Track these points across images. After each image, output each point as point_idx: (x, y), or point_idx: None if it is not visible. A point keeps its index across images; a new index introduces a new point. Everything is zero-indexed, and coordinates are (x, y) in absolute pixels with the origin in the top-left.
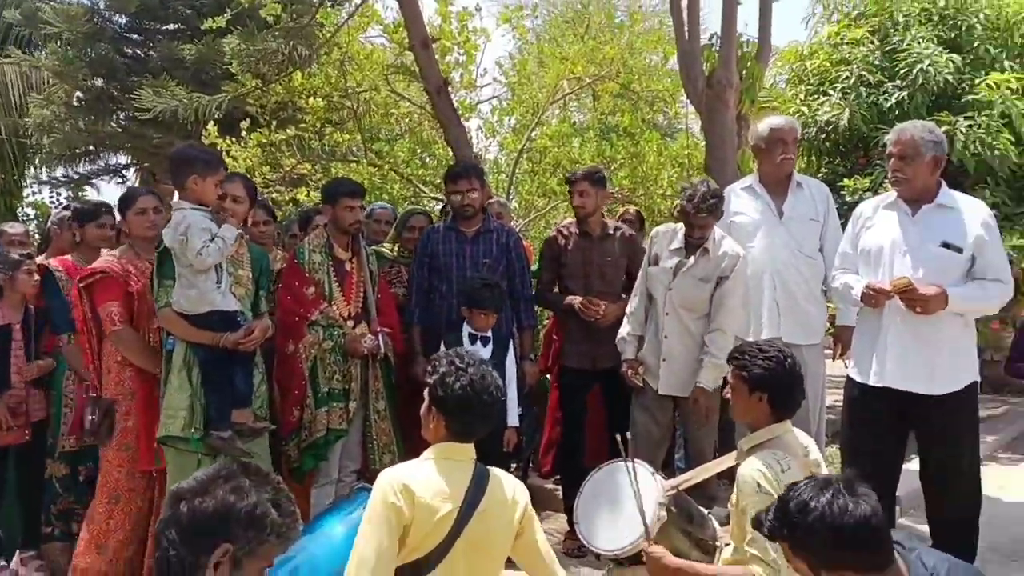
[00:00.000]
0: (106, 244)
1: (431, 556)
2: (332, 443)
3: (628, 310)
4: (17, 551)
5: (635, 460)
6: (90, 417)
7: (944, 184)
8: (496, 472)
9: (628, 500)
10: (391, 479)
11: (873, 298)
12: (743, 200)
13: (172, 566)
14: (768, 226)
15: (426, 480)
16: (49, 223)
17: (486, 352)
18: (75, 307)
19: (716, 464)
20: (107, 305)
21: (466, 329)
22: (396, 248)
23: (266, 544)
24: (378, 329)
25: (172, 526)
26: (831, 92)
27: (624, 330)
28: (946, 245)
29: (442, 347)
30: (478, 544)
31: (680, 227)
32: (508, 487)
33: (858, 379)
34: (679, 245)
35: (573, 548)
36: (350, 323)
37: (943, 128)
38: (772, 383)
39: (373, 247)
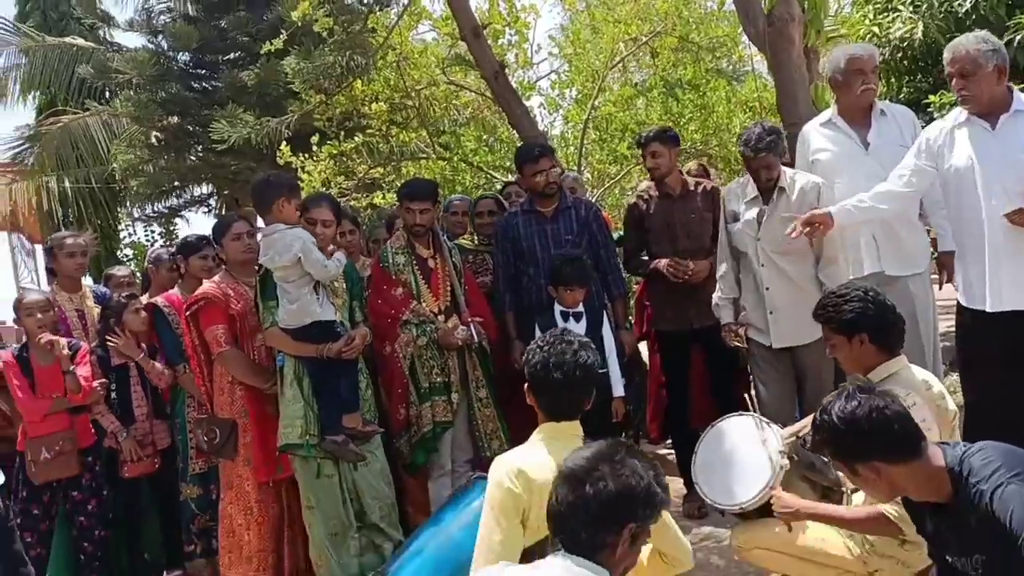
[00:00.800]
0: (208, 274)
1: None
2: (440, 435)
3: (718, 274)
4: (164, 572)
5: (748, 413)
6: (203, 438)
7: (1015, 89)
8: None
9: (747, 453)
10: (505, 466)
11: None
12: (824, 136)
13: (580, 544)
14: (854, 159)
15: (538, 462)
16: (147, 263)
17: (580, 328)
18: (184, 334)
19: None
20: (212, 328)
21: (557, 308)
22: (473, 238)
23: (655, 519)
24: (469, 320)
25: (579, 508)
26: (901, 7)
27: (717, 295)
28: None
29: (536, 330)
30: None
31: (748, 179)
32: None
33: (970, 305)
34: (754, 194)
35: (693, 509)
36: (441, 317)
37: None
38: (866, 322)
39: (455, 241)
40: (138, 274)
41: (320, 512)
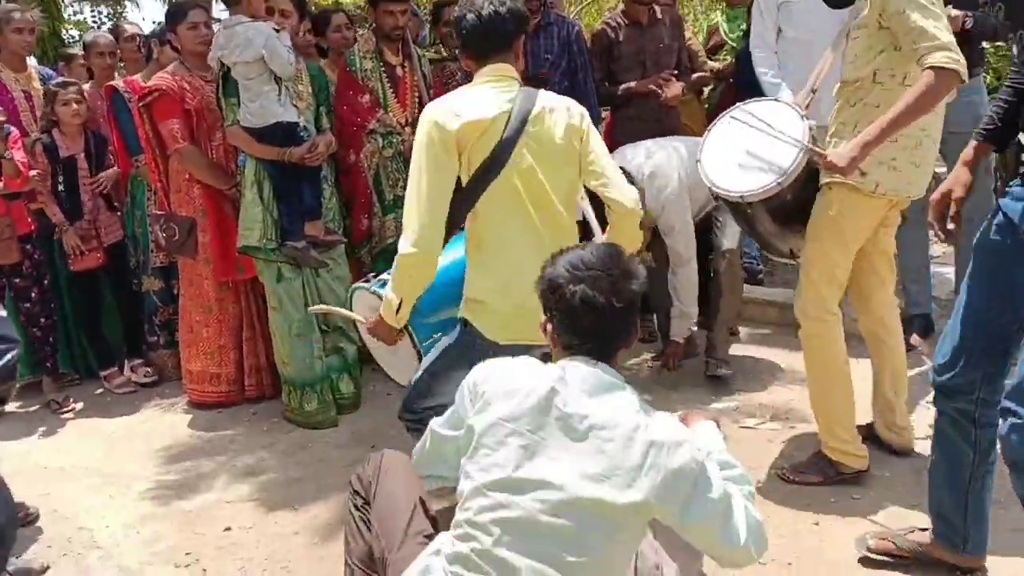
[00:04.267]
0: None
1: (493, 159)
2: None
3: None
4: (126, 360)
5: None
6: (162, 235)
7: None
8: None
9: (759, 139)
10: (429, 109)
11: None
12: None
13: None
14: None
15: (469, 97)
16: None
17: None
18: (138, 127)
19: None
20: (168, 123)
21: None
22: (435, 48)
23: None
24: None
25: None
26: None
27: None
28: None
29: None
30: (542, 146)
31: None
32: (559, 98)
33: None
34: None
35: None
36: (408, 129)
37: None
38: None
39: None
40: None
41: (283, 313)
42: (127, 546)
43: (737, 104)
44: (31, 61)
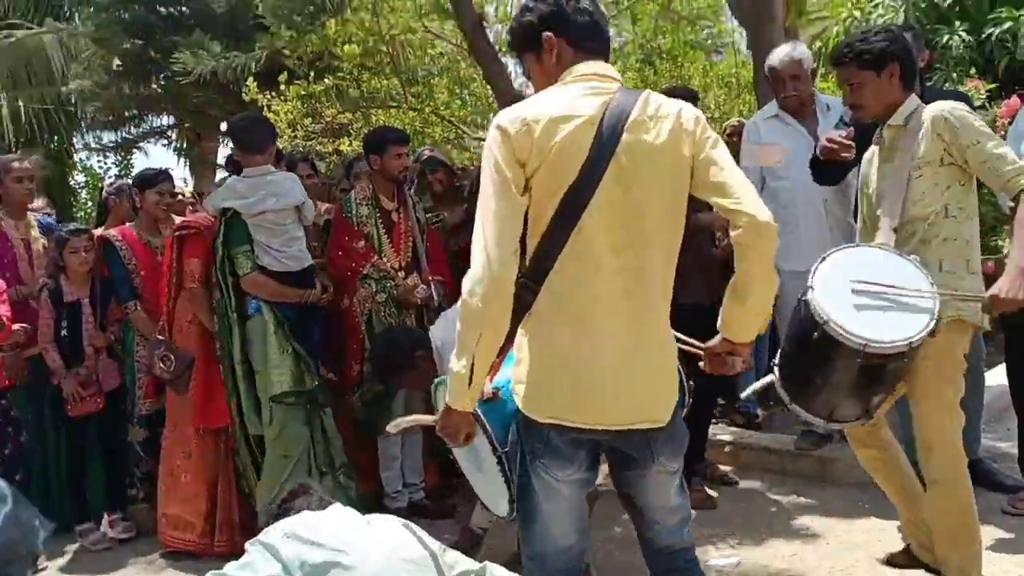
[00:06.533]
0: (163, 211)
1: (575, 191)
2: (393, 395)
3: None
4: (105, 514)
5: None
6: (159, 362)
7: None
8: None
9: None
10: (493, 125)
11: None
12: (772, 130)
13: None
14: (805, 154)
15: (545, 101)
16: (105, 194)
17: None
18: (166, 253)
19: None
20: (191, 261)
21: None
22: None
23: None
24: (430, 278)
25: None
26: None
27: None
28: None
29: None
30: (639, 167)
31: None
32: (671, 100)
33: None
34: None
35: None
36: (401, 274)
37: (1007, 24)
38: (896, 51)
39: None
40: (90, 202)
41: (295, 460)
42: None
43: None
44: (39, 202)
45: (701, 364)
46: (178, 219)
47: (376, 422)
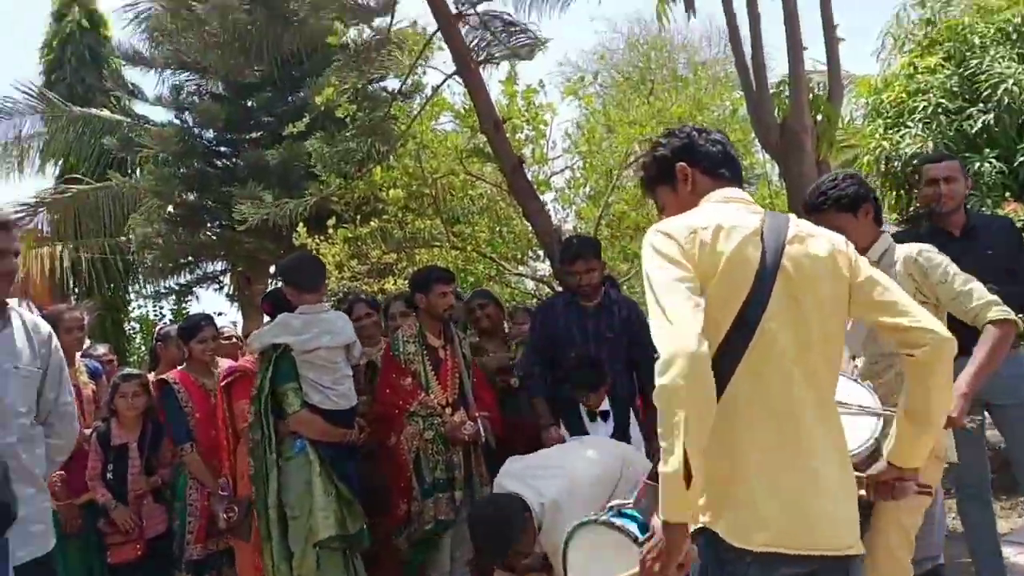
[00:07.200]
0: (210, 356)
1: (749, 303)
2: (441, 533)
3: None
4: None
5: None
6: (224, 515)
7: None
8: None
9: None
10: (653, 231)
11: None
12: None
13: None
14: None
15: (702, 214)
16: (155, 340)
17: (607, 429)
18: (218, 402)
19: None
20: (241, 403)
21: (582, 408)
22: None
23: None
24: (476, 415)
25: None
26: (911, 124)
27: None
28: None
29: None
30: (804, 277)
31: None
32: (814, 227)
33: None
34: None
35: None
36: (448, 410)
37: None
38: (866, 192)
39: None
40: (143, 347)
41: None
42: None
43: None
44: (101, 349)
45: (863, 492)
46: (223, 363)
47: (423, 566)
